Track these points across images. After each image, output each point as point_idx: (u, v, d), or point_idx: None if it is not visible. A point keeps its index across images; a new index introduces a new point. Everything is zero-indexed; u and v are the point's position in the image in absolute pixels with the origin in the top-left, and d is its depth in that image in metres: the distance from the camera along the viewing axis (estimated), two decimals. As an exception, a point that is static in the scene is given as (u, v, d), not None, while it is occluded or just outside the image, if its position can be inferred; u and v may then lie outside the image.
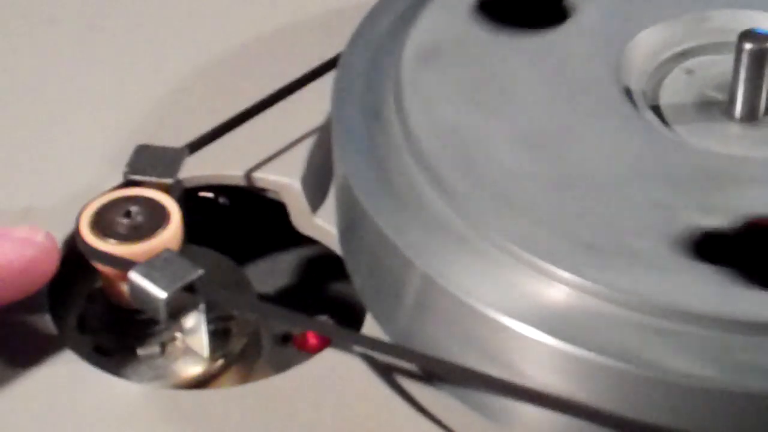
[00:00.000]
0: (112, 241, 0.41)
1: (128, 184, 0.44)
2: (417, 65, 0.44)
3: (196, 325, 0.43)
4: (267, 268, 0.51)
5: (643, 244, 0.38)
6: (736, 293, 0.37)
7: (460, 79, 0.44)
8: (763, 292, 0.37)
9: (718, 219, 0.39)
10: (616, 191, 0.40)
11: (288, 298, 0.50)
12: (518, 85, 0.44)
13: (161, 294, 0.40)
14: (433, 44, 0.45)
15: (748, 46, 0.42)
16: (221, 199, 0.51)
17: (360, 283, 0.43)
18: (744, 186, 0.40)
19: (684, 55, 0.46)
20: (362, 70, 0.45)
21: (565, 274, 0.37)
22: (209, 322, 0.43)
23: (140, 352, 0.44)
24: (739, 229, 0.39)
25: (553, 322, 0.37)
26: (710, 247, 0.38)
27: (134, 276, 0.40)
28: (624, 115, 0.42)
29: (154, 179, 0.44)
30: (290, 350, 0.47)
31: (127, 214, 0.42)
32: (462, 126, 0.42)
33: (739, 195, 0.40)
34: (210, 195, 0.50)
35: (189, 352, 0.44)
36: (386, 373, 0.41)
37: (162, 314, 0.40)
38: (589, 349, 0.36)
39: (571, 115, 0.43)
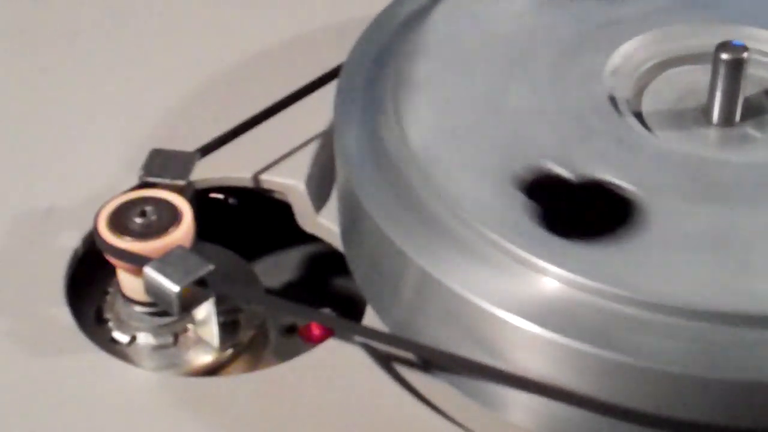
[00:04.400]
0: (128, 238, 0.41)
1: (143, 185, 0.44)
2: (414, 76, 0.44)
3: (206, 317, 0.43)
4: (273, 263, 0.51)
5: (627, 241, 0.38)
6: (715, 285, 0.37)
7: (454, 90, 0.44)
8: (740, 287, 0.37)
9: (695, 219, 0.39)
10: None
11: (293, 292, 0.50)
12: (509, 95, 0.44)
13: (174, 288, 0.40)
14: (429, 58, 0.45)
15: (724, 56, 0.42)
16: (230, 200, 0.51)
17: (360, 278, 0.43)
18: (722, 189, 0.41)
19: (665, 64, 0.46)
20: (362, 79, 0.45)
21: (552, 268, 0.37)
22: (219, 314, 0.43)
23: (154, 342, 0.44)
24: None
25: (541, 313, 0.37)
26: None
27: (149, 271, 0.40)
28: (609, 121, 0.43)
29: (167, 181, 0.44)
30: (295, 340, 0.46)
31: (142, 214, 0.42)
32: (456, 132, 0.42)
33: (719, 197, 0.40)
34: (220, 196, 0.50)
35: (200, 342, 0.44)
36: (385, 361, 0.42)
37: (175, 307, 0.40)
38: (574, 338, 0.36)
39: (559, 121, 0.42)
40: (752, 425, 0.36)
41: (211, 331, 0.43)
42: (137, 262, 0.41)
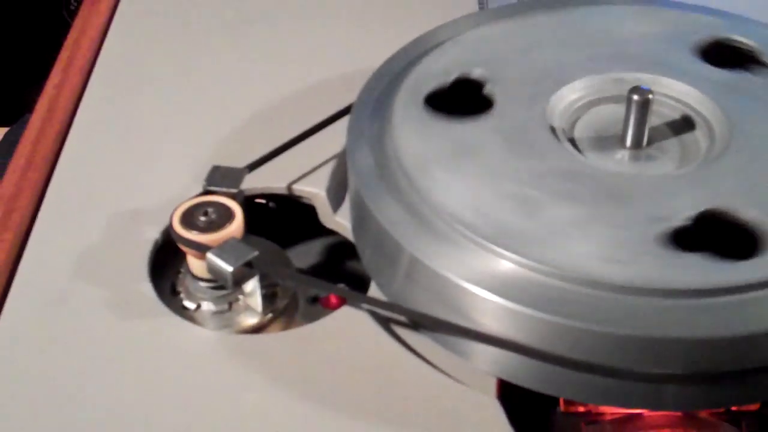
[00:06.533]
0: (195, 232, 0.42)
1: (206, 193, 0.44)
2: (405, 112, 0.44)
3: (253, 290, 0.44)
4: (302, 250, 0.50)
5: (564, 233, 0.38)
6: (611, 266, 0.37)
7: (435, 122, 0.43)
8: (638, 261, 0.37)
9: (616, 219, 0.39)
10: (546, 196, 0.40)
11: (317, 271, 0.50)
12: (478, 125, 0.43)
13: (229, 268, 0.40)
14: (415, 98, 0.45)
15: (635, 97, 0.42)
16: (270, 204, 0.51)
17: (366, 261, 0.43)
18: (632, 194, 0.40)
19: (592, 103, 0.45)
20: (368, 114, 0.45)
21: (510, 254, 0.38)
22: (262, 287, 0.43)
23: (214, 308, 0.44)
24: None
25: (501, 287, 0.37)
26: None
27: (210, 256, 0.41)
28: (550, 145, 0.42)
29: (224, 189, 0.44)
30: (318, 308, 0.46)
31: (206, 214, 0.43)
32: (437, 150, 0.42)
33: (628, 198, 0.40)
34: (263, 201, 0.50)
35: (248, 308, 0.44)
36: (385, 323, 0.42)
37: (229, 282, 0.41)
38: (525, 305, 0.37)
39: (513, 145, 0.42)
40: (645, 369, 0.36)
41: (256, 300, 0.44)
42: (202, 249, 0.41)
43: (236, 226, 0.43)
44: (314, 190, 0.48)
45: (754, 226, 0.39)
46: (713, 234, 0.39)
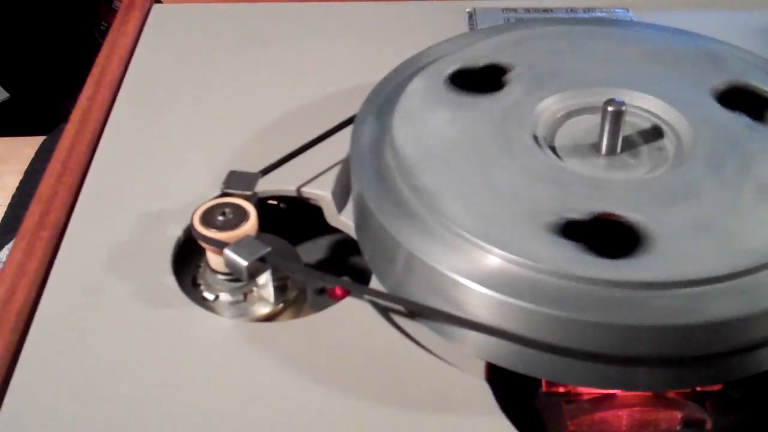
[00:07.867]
0: (213, 230, 0.42)
1: (224, 195, 0.44)
2: (402, 122, 0.44)
3: (265, 282, 0.44)
4: (310, 247, 0.50)
5: (541, 233, 0.38)
6: (587, 261, 0.37)
7: (429, 131, 0.43)
8: (602, 260, 0.37)
9: (584, 214, 0.39)
10: (528, 201, 0.40)
11: (323, 266, 0.50)
12: (466, 134, 0.43)
13: (244, 263, 0.40)
14: (411, 109, 0.45)
15: (609, 108, 0.42)
16: (281, 205, 0.50)
17: (368, 256, 0.43)
18: (603, 195, 0.40)
19: (571, 113, 0.45)
20: (369, 124, 0.45)
21: (496, 250, 0.38)
22: (274, 280, 0.44)
23: (231, 299, 0.44)
24: (591, 220, 0.39)
25: (488, 279, 0.37)
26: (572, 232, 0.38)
27: (227, 252, 0.41)
28: (532, 151, 0.43)
29: (239, 192, 0.44)
30: (325, 298, 0.46)
31: (223, 214, 0.43)
32: (431, 158, 0.42)
33: (600, 200, 0.40)
34: (275, 202, 0.50)
35: (261, 299, 0.44)
36: (384, 311, 0.42)
37: (244, 275, 0.41)
38: (510, 296, 0.37)
39: (499, 151, 0.42)
40: (618, 353, 0.36)
41: (269, 292, 0.44)
42: (220, 246, 0.41)
43: (251, 224, 0.43)
44: (321, 193, 0.48)
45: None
46: None
